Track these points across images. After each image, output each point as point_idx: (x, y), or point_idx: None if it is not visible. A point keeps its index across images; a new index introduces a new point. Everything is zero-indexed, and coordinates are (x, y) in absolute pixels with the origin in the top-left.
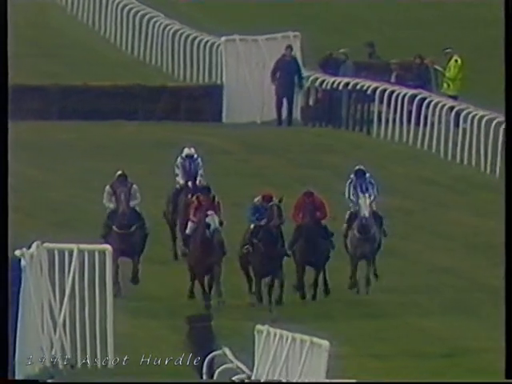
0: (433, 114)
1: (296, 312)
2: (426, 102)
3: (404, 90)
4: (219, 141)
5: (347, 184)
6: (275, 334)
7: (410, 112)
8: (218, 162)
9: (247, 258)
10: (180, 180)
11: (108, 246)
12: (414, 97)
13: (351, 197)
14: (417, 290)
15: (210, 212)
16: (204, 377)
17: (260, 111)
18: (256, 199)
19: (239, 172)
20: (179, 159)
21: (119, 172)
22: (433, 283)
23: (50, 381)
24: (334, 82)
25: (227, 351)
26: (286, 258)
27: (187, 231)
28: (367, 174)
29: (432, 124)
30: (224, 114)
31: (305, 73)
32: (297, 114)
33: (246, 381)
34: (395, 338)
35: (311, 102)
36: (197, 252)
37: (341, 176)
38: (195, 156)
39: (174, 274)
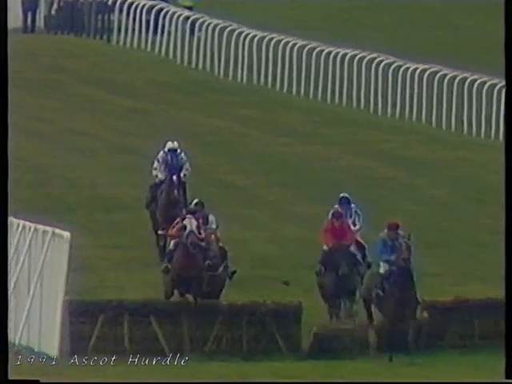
0: (170, 24)
1: None
2: (163, 12)
3: (142, 1)
4: None
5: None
6: (18, 225)
7: (148, 21)
8: None
9: (376, 302)
10: (159, 174)
11: None
12: (151, 7)
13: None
14: None
15: (188, 215)
16: None
17: None
18: (381, 233)
19: None
20: (161, 153)
21: (196, 200)
22: None
23: (48, 381)
24: None
25: None
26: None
27: (171, 246)
28: (352, 205)
29: (169, 32)
30: None
31: None
32: (40, 22)
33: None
34: (132, 230)
35: (53, 12)
36: (177, 264)
37: (82, 80)
38: (178, 150)
39: None
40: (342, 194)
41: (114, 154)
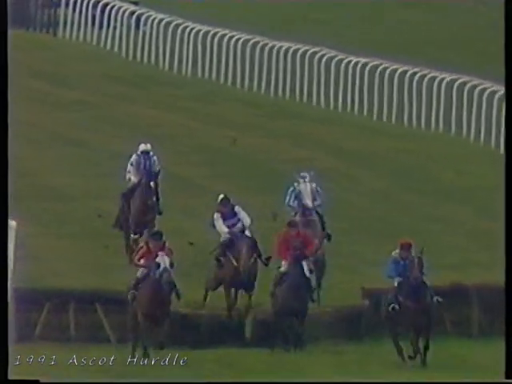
0: (115, 18)
1: None
2: (109, 6)
3: None
4: None
5: (289, 191)
6: None
7: (93, 16)
8: None
9: (394, 317)
10: (132, 177)
11: None
12: (97, 2)
13: (291, 203)
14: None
15: (160, 253)
16: None
17: None
18: (394, 252)
19: None
20: (134, 156)
21: (221, 196)
22: None
23: (48, 381)
24: None
25: None
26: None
27: (138, 274)
28: (313, 184)
29: (114, 27)
30: None
31: None
32: None
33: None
34: (80, 220)
35: None
36: (146, 299)
37: (28, 73)
38: (151, 153)
39: None
40: (302, 173)
41: (61, 145)
